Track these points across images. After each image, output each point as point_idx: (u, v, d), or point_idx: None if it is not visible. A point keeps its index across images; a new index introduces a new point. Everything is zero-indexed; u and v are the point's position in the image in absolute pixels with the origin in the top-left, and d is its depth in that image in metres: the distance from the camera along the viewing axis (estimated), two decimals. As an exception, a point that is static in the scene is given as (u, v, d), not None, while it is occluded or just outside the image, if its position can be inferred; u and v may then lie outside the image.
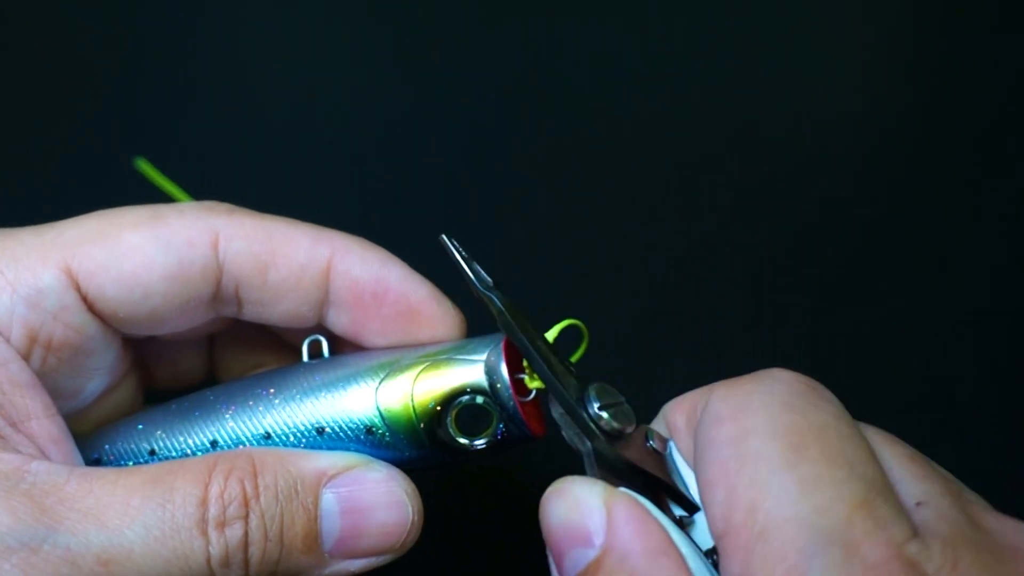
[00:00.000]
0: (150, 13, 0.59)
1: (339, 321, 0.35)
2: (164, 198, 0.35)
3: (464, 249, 0.33)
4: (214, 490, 0.29)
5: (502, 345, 0.32)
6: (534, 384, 0.33)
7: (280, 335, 0.39)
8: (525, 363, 0.33)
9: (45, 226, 0.33)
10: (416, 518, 0.31)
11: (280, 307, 0.35)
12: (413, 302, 0.34)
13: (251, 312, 0.35)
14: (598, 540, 0.27)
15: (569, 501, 0.28)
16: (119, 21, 0.59)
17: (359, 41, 0.59)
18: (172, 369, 0.39)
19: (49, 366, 0.32)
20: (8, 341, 0.31)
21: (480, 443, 0.32)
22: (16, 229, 0.33)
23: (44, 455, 0.30)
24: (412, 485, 0.31)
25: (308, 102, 0.56)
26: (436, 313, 0.34)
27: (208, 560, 0.28)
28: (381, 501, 0.31)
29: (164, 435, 0.34)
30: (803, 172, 0.54)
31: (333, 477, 0.30)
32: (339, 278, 0.34)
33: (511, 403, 0.32)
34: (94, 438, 0.35)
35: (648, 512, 0.28)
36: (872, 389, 0.45)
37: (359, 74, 0.58)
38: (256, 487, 0.29)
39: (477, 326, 0.35)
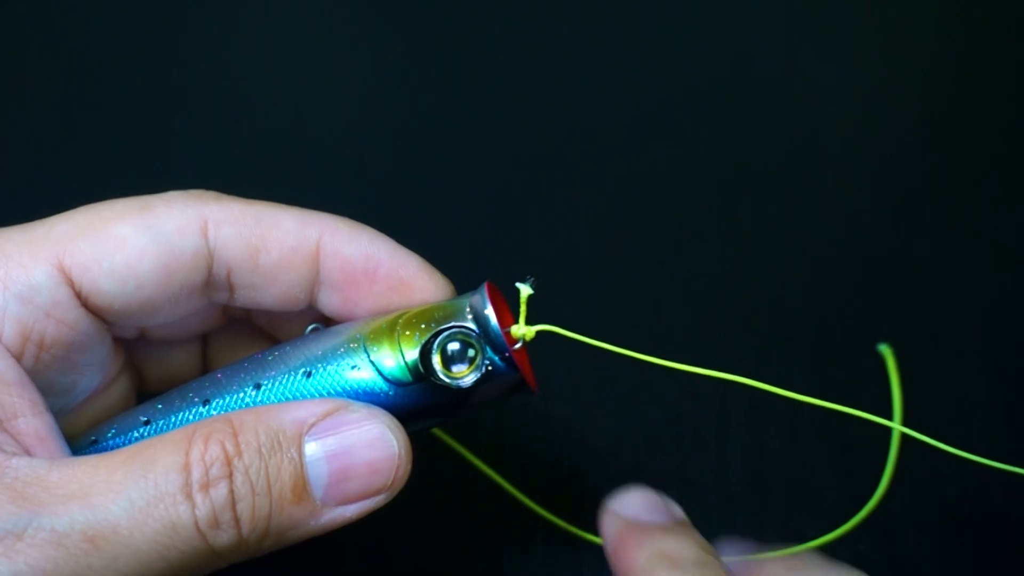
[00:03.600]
0: (151, 11, 0.58)
1: (331, 301, 0.35)
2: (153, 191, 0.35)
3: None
4: (195, 454, 0.28)
5: (485, 287, 0.33)
6: (519, 333, 0.33)
7: (273, 334, 0.39)
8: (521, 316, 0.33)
9: (34, 223, 0.33)
10: (403, 453, 0.31)
11: (272, 290, 0.35)
12: (404, 276, 0.35)
13: (243, 296, 0.35)
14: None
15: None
16: (120, 19, 0.59)
17: (358, 39, 0.59)
18: (165, 370, 0.39)
19: (42, 363, 0.32)
20: None
21: (468, 379, 0.32)
22: (3, 228, 0.33)
23: (29, 453, 0.30)
24: (394, 420, 0.31)
25: (308, 101, 0.56)
26: (427, 285, 0.35)
27: (196, 523, 0.28)
28: (365, 439, 0.30)
29: (159, 403, 0.34)
30: (805, 171, 0.54)
31: (314, 424, 0.30)
32: (329, 259, 0.35)
33: (493, 325, 0.32)
34: (91, 429, 0.35)
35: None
36: (874, 389, 0.45)
37: (358, 73, 0.58)
38: (237, 445, 0.29)
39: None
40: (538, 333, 0.33)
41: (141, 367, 0.38)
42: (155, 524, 0.27)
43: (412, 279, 0.35)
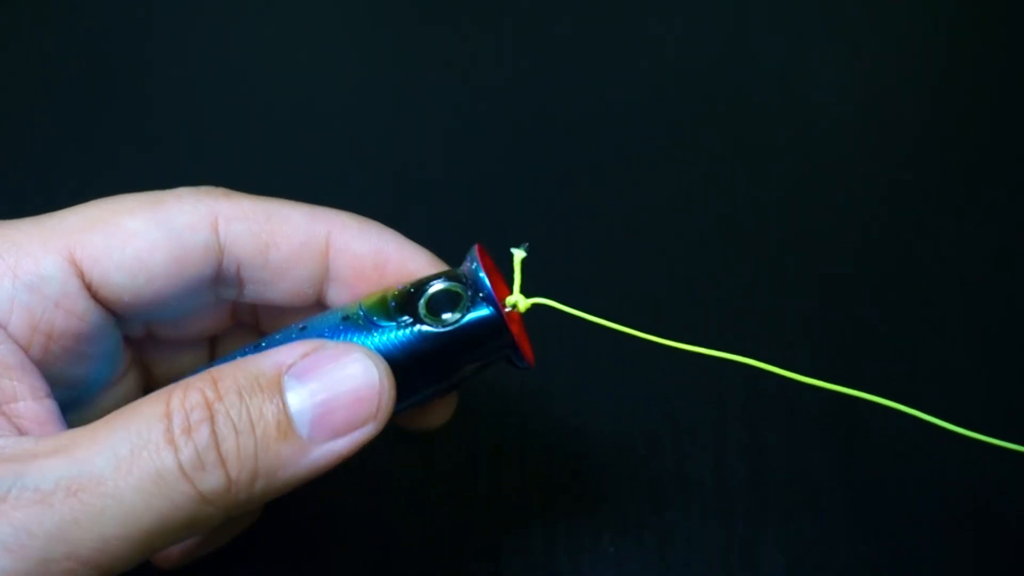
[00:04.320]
0: (149, 8, 0.59)
1: (340, 296, 0.36)
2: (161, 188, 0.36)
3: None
4: (174, 403, 0.28)
5: (475, 249, 0.33)
6: (513, 301, 0.33)
7: None
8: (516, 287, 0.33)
9: (45, 215, 0.33)
10: (385, 380, 0.30)
11: (281, 285, 0.35)
12: (413, 270, 0.35)
13: (252, 292, 0.35)
14: None
15: None
16: (117, 16, 0.59)
17: (361, 38, 0.60)
18: (172, 374, 0.39)
19: (51, 354, 0.32)
20: (5, 327, 0.31)
21: (450, 318, 0.32)
22: (16, 219, 0.33)
23: (25, 436, 0.30)
24: (373, 352, 0.31)
25: (310, 101, 0.57)
26: None
27: (180, 467, 0.27)
28: (344, 371, 0.30)
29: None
30: (807, 172, 0.54)
31: (292, 365, 0.30)
32: (339, 254, 0.35)
33: (476, 268, 0.32)
34: None
35: None
36: (879, 393, 0.45)
37: (360, 71, 0.58)
38: (217, 391, 0.29)
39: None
40: (535, 306, 0.34)
41: (149, 369, 0.38)
42: (139, 473, 0.27)
43: (421, 273, 0.35)
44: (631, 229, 0.52)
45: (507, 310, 0.33)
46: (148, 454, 0.27)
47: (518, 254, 0.34)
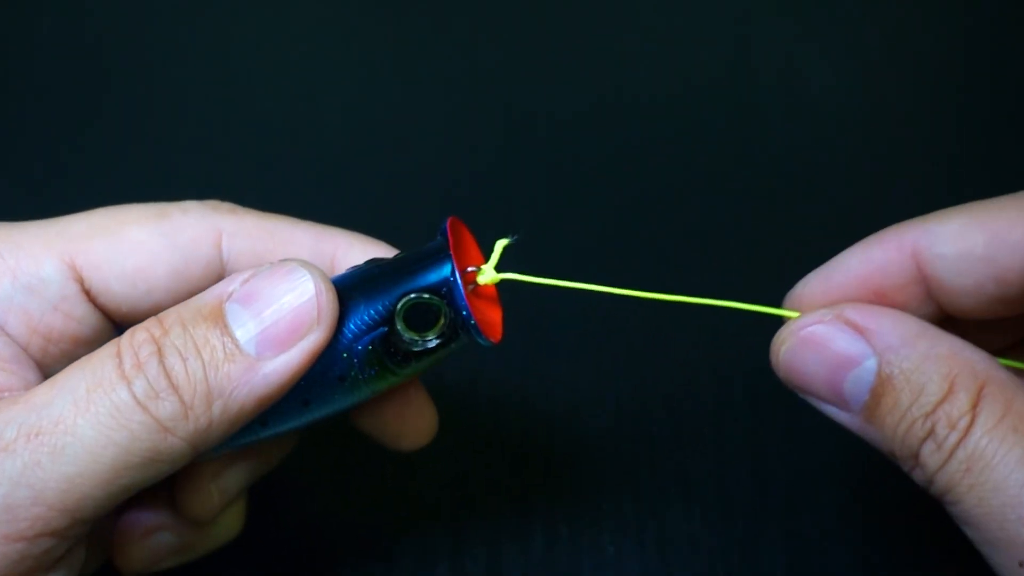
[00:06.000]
0: (149, 11, 0.59)
1: None
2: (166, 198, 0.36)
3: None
4: (124, 343, 0.29)
5: (447, 222, 0.33)
6: (482, 268, 0.33)
7: None
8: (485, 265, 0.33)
9: (50, 220, 0.34)
10: (321, 283, 0.30)
11: None
12: None
13: None
14: (866, 355, 0.30)
15: (815, 342, 0.32)
16: (118, 19, 0.59)
17: (359, 42, 0.60)
18: None
19: (50, 356, 0.33)
20: (2, 325, 0.32)
21: (403, 253, 0.33)
22: (21, 222, 0.34)
23: None
24: (305, 261, 0.31)
25: (307, 106, 0.57)
26: None
27: (134, 397, 0.28)
28: (280, 283, 0.30)
29: None
30: (809, 169, 0.54)
31: (232, 293, 0.30)
32: None
33: (444, 224, 0.33)
34: None
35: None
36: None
37: (358, 77, 0.58)
38: (162, 326, 0.29)
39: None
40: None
41: None
42: (96, 409, 0.28)
43: None
44: (631, 230, 0.52)
45: (470, 270, 0.33)
46: (104, 393, 0.28)
47: (502, 241, 0.34)
